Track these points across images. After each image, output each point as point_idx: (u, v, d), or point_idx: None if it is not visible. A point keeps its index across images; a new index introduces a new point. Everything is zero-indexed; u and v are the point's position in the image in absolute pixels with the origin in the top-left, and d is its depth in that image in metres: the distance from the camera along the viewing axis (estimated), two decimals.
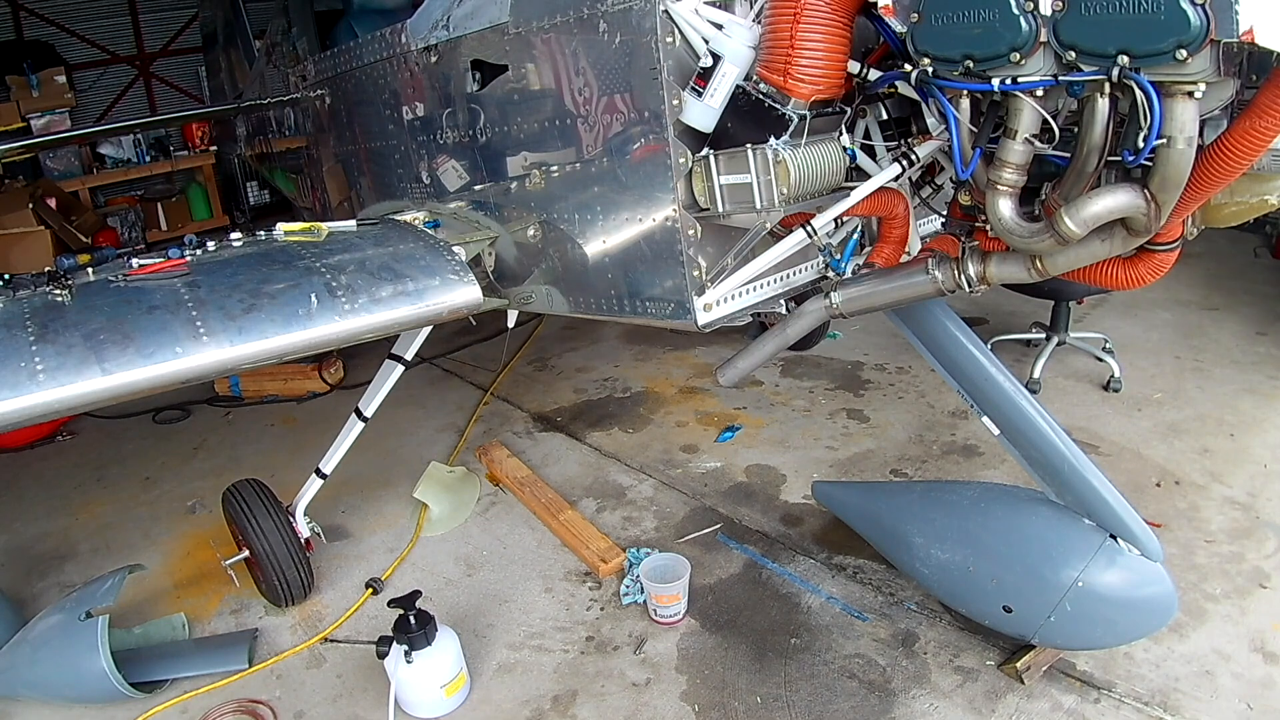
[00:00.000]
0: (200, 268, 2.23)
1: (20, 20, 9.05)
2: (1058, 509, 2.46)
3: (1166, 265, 1.84)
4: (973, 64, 1.62)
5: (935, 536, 2.58)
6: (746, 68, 1.92)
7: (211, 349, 2.00)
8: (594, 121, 2.26)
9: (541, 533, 3.42)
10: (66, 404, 1.88)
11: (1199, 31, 1.34)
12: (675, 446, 4.02)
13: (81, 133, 8.74)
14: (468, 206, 2.82)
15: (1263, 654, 2.51)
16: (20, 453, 4.51)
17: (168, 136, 9.63)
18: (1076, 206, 1.65)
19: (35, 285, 2.12)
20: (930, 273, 2.05)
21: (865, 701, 2.47)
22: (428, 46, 2.74)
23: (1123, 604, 2.35)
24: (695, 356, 4.98)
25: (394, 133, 3.15)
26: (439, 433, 4.39)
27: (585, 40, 2.18)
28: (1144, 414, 3.89)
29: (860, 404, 4.25)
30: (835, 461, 3.76)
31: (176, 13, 9.63)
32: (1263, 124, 1.44)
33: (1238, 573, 2.85)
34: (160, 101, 9.98)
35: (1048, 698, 2.41)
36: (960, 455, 3.70)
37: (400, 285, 2.27)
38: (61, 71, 8.76)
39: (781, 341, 2.36)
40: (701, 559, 3.13)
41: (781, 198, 1.91)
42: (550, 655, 2.76)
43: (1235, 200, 1.88)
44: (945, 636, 2.68)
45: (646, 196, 2.17)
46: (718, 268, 2.19)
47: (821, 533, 3.25)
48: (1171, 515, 3.15)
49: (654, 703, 2.54)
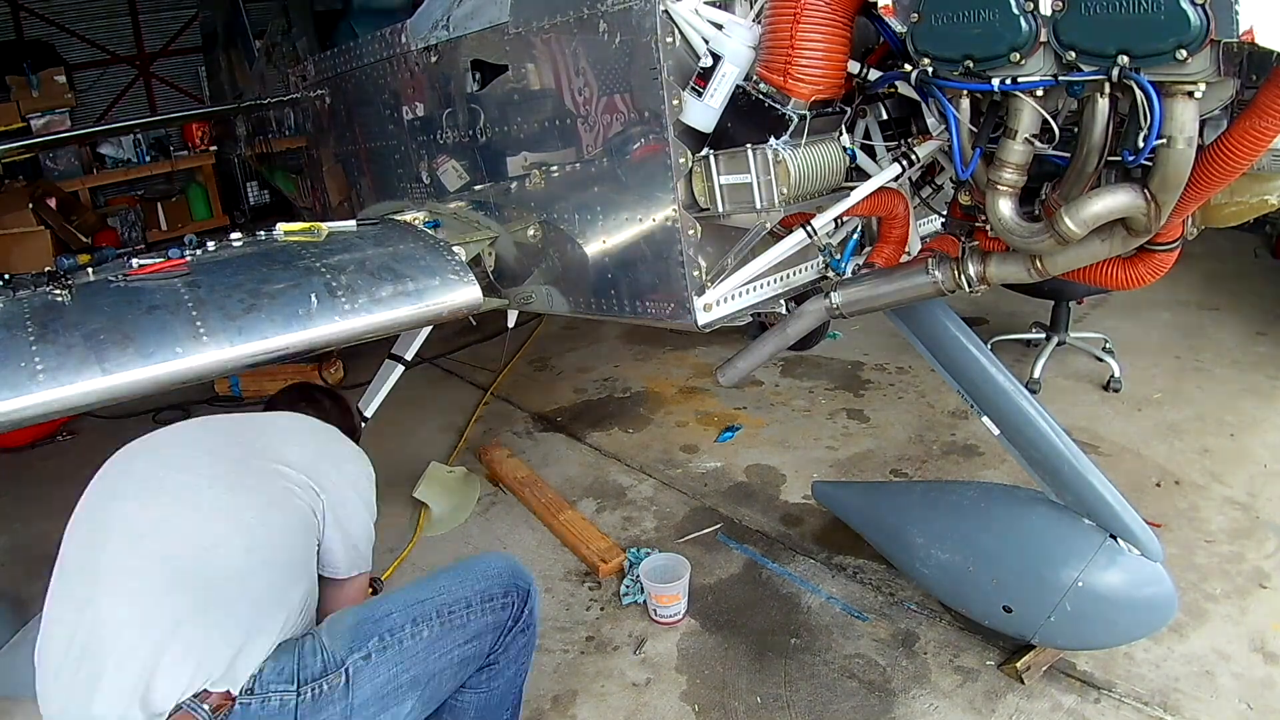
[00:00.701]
0: (200, 268, 2.22)
1: (20, 20, 9.05)
2: (1058, 509, 2.46)
3: (1166, 265, 1.84)
4: (973, 64, 1.61)
5: (935, 537, 2.57)
6: (746, 68, 1.92)
7: (211, 349, 1.99)
8: (594, 121, 2.26)
9: (541, 533, 3.42)
10: (66, 404, 1.87)
11: (1199, 31, 1.34)
12: (675, 446, 4.02)
13: (81, 133, 8.73)
14: (468, 206, 2.82)
15: (1263, 654, 2.51)
16: (20, 453, 4.52)
17: (168, 136, 9.63)
18: (1076, 206, 1.65)
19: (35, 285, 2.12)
20: (930, 273, 2.05)
21: (865, 701, 2.47)
22: (428, 46, 2.74)
23: (1123, 604, 2.35)
24: (695, 356, 4.98)
25: (394, 133, 3.15)
26: (439, 433, 4.39)
27: (585, 40, 2.18)
28: (1144, 414, 3.89)
29: (860, 404, 4.25)
30: (835, 461, 3.76)
31: (176, 13, 9.63)
32: (1263, 124, 1.44)
33: (1238, 573, 2.85)
34: (160, 101, 9.99)
35: (1048, 698, 2.41)
36: (960, 455, 3.70)
37: (400, 285, 2.27)
38: (61, 71, 8.76)
39: (781, 341, 2.36)
40: (701, 559, 3.13)
41: (781, 198, 1.91)
42: (550, 655, 2.75)
43: (1235, 200, 1.88)
44: (945, 636, 2.68)
45: (646, 196, 2.17)
46: (718, 268, 2.19)
47: (821, 533, 3.25)
48: (1171, 515, 3.15)
49: (654, 703, 2.54)
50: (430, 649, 1.74)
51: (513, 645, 1.90)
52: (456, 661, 1.79)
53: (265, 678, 1.57)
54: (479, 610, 1.82)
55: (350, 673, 1.64)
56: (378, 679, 1.67)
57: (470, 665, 1.83)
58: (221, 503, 1.77)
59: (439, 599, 1.80)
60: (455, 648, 1.78)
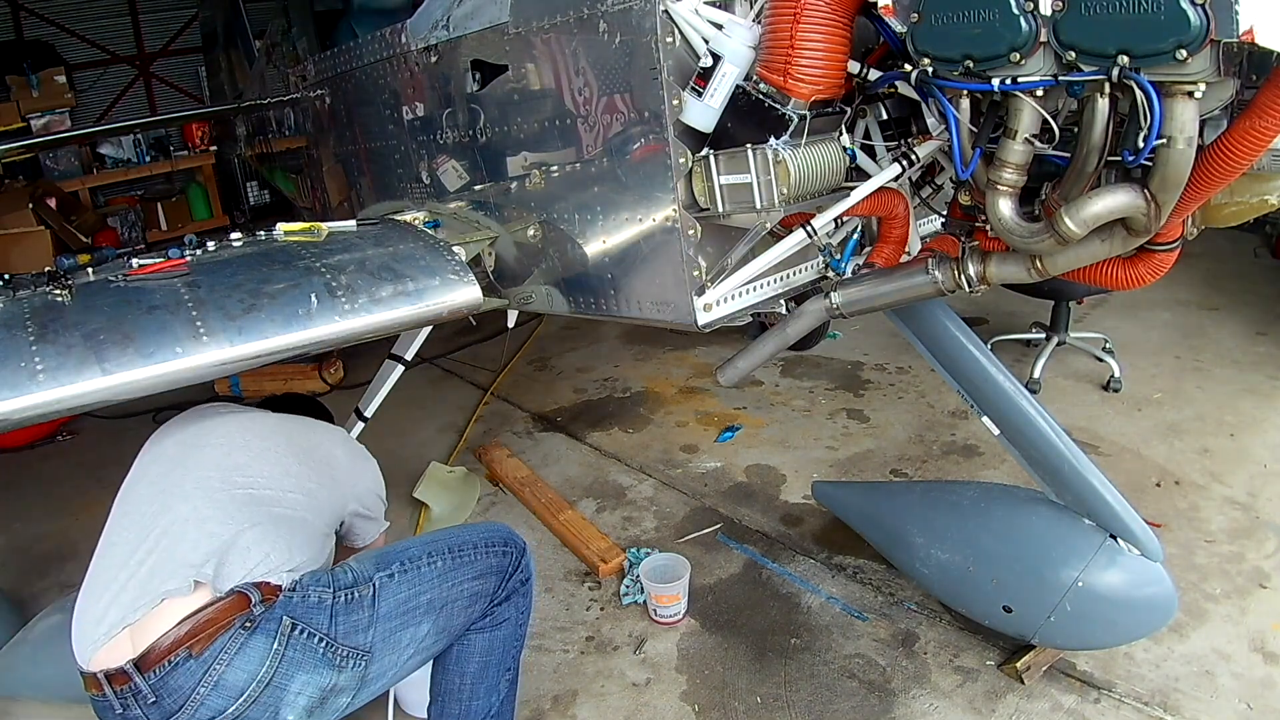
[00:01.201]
0: (200, 268, 2.22)
1: (20, 20, 9.05)
2: (1058, 509, 2.46)
3: (1166, 265, 1.84)
4: (973, 64, 1.61)
5: (935, 536, 2.58)
6: (746, 68, 1.92)
7: (211, 349, 1.99)
8: (594, 122, 2.26)
9: (541, 533, 3.42)
10: (66, 404, 1.87)
11: (1199, 31, 1.34)
12: (675, 446, 4.02)
13: (81, 133, 8.74)
14: (468, 206, 2.82)
15: (1263, 654, 2.51)
16: (20, 453, 4.51)
17: (168, 136, 9.64)
18: (1076, 206, 1.65)
19: (35, 285, 2.12)
20: (930, 273, 2.05)
21: (865, 701, 2.47)
22: (428, 46, 2.74)
23: (1123, 604, 2.35)
24: (695, 356, 4.98)
25: (394, 133, 3.15)
26: (439, 433, 4.39)
27: (585, 40, 2.18)
28: (1144, 414, 3.89)
29: (860, 404, 4.25)
30: (835, 461, 3.76)
31: (176, 13, 9.62)
32: (1263, 124, 1.44)
33: (1238, 573, 2.85)
34: (160, 101, 9.99)
35: (1048, 698, 2.41)
36: (960, 455, 3.70)
37: (400, 285, 2.26)
38: (61, 71, 8.76)
39: (781, 341, 2.36)
40: (701, 559, 3.13)
41: (781, 198, 1.91)
42: (550, 655, 2.76)
43: (1235, 200, 1.88)
44: (945, 636, 2.68)
45: (646, 196, 2.17)
46: (718, 268, 2.19)
47: (821, 533, 3.25)
48: (1171, 515, 3.15)
49: (654, 703, 2.54)
50: (444, 577, 1.96)
51: (514, 596, 2.10)
52: (467, 595, 2.00)
53: (306, 582, 1.79)
54: (483, 552, 2.05)
55: (377, 586, 1.86)
56: (400, 595, 1.88)
57: (477, 603, 2.04)
58: (291, 467, 2.04)
59: (450, 540, 2.05)
60: (465, 581, 2.00)
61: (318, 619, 1.75)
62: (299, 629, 1.72)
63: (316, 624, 1.74)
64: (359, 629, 1.80)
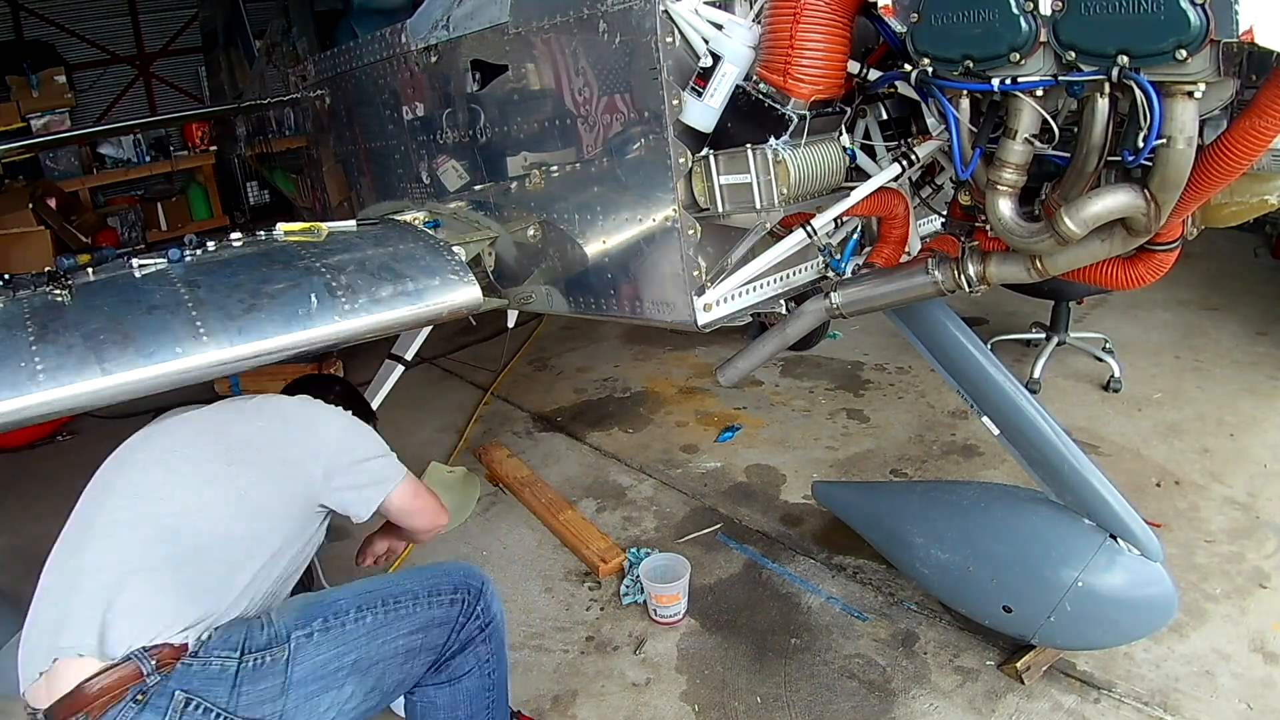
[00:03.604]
0: (200, 268, 2.23)
1: (20, 20, 9.06)
2: (1058, 509, 2.46)
3: (1166, 265, 1.84)
4: (973, 64, 1.61)
5: (935, 536, 2.57)
6: (746, 68, 1.92)
7: (211, 349, 2.00)
8: (594, 121, 2.26)
9: (541, 533, 3.42)
10: (66, 404, 1.87)
11: (1199, 31, 1.34)
12: (675, 446, 4.02)
13: (81, 133, 8.74)
14: (468, 206, 2.82)
15: (1263, 654, 2.51)
16: (20, 453, 4.52)
17: (168, 136, 9.64)
18: (1076, 206, 1.65)
19: (35, 285, 2.12)
20: (930, 273, 2.05)
21: (865, 701, 2.47)
22: (428, 46, 2.74)
23: (1123, 604, 2.35)
24: (695, 356, 4.98)
25: (394, 133, 3.15)
26: (439, 433, 4.39)
27: (585, 40, 2.18)
28: (1144, 414, 3.89)
29: (860, 404, 4.25)
30: (835, 461, 3.76)
31: (176, 13, 9.63)
32: (1263, 124, 1.44)
33: (1238, 573, 2.85)
34: (160, 101, 9.99)
35: (1048, 698, 2.41)
36: (960, 455, 3.70)
37: (400, 285, 2.27)
38: (61, 71, 8.77)
39: (781, 341, 2.36)
40: (701, 559, 3.13)
41: (781, 198, 1.91)
42: (550, 655, 2.76)
43: (1235, 200, 1.88)
44: (945, 636, 2.68)
45: (646, 196, 2.17)
46: (718, 268, 2.19)
47: (821, 533, 3.25)
48: (1171, 515, 3.15)
49: (654, 703, 2.54)
50: (373, 635, 1.78)
51: (472, 645, 1.94)
52: (402, 651, 1.82)
53: (211, 644, 1.65)
54: (425, 603, 1.87)
55: (292, 648, 1.69)
56: (319, 657, 1.71)
57: (418, 659, 1.86)
58: (217, 472, 1.86)
59: (386, 590, 1.86)
60: (400, 637, 1.82)
61: (215, 691, 1.60)
62: (193, 704, 1.58)
63: (214, 697, 1.60)
64: (267, 698, 1.65)
